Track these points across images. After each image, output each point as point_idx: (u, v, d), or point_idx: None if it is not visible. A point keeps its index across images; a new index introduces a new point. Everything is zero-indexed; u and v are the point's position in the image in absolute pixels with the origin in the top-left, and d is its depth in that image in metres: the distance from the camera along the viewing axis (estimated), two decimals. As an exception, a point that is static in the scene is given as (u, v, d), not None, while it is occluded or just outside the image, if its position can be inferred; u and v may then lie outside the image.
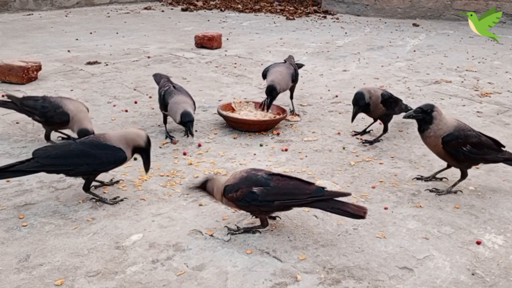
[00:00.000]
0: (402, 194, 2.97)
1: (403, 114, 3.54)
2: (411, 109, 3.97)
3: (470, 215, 2.77)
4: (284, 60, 4.36)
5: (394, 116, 3.94)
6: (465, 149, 2.83)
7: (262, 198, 2.34)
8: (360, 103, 3.54)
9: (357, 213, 2.33)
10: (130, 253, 2.32)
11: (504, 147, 2.98)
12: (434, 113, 2.84)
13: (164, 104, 3.61)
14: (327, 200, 2.35)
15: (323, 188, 2.38)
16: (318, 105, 4.55)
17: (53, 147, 2.76)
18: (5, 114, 3.92)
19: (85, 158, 2.62)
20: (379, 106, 3.61)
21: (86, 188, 2.74)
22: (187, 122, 3.41)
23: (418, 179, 3.13)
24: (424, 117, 2.86)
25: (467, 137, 2.84)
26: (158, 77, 4.02)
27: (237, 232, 2.49)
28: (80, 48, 6.34)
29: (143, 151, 2.75)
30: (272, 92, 3.85)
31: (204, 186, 2.49)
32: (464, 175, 2.98)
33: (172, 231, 2.52)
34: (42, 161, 2.59)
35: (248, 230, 2.50)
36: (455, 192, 2.97)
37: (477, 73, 5.84)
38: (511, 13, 9.20)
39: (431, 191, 2.99)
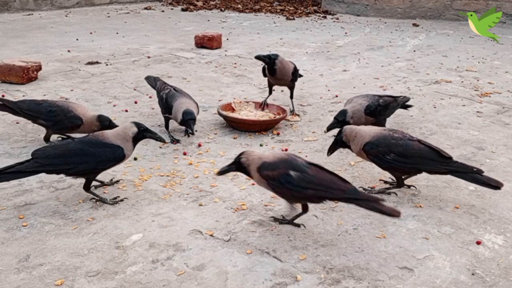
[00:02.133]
0: (402, 194, 2.97)
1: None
2: (405, 98, 3.92)
3: (470, 215, 2.77)
4: None
5: (394, 116, 3.93)
6: (388, 157, 2.78)
7: (297, 183, 2.33)
8: (339, 118, 3.50)
9: (392, 213, 2.30)
10: (130, 253, 2.32)
11: (451, 158, 2.80)
12: (344, 137, 2.92)
13: (168, 107, 3.60)
14: (360, 200, 2.34)
15: (357, 190, 2.37)
16: (318, 105, 4.55)
17: (52, 147, 2.76)
18: (5, 114, 3.92)
19: (84, 157, 2.63)
20: (365, 118, 3.57)
21: (87, 188, 2.74)
22: (188, 119, 3.40)
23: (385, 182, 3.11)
24: (341, 144, 2.96)
25: (390, 146, 2.78)
26: (152, 80, 4.01)
27: (284, 222, 2.54)
28: (80, 48, 6.34)
29: (143, 133, 2.76)
30: (275, 57, 3.88)
31: (238, 162, 2.49)
32: (399, 184, 2.93)
33: (172, 231, 2.52)
34: (42, 161, 2.60)
35: (292, 222, 2.55)
36: (389, 194, 2.95)
37: (477, 73, 5.84)
38: (511, 13, 9.20)
39: (364, 189, 3.00)
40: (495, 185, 2.73)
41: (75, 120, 3.29)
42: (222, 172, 2.56)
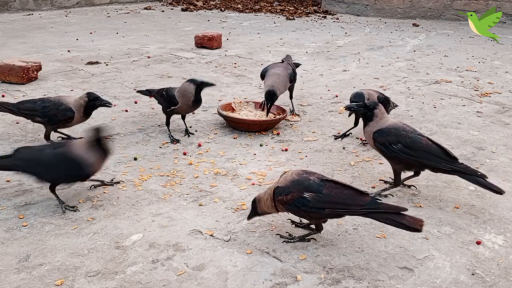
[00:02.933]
0: (402, 194, 2.97)
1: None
2: (397, 106, 3.93)
3: (470, 215, 2.77)
4: (282, 60, 4.35)
5: (394, 116, 3.92)
6: (395, 147, 2.77)
7: (313, 205, 2.27)
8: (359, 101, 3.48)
9: (413, 226, 2.22)
10: (130, 253, 2.32)
11: (456, 159, 2.79)
12: (376, 110, 2.84)
13: (170, 98, 3.61)
14: (381, 212, 2.26)
15: (377, 199, 2.29)
16: (318, 105, 4.55)
17: (30, 149, 2.73)
18: (5, 114, 3.91)
19: (51, 168, 2.59)
20: None
21: (51, 189, 2.68)
22: (201, 82, 3.53)
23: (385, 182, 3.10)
24: (366, 112, 2.85)
25: (399, 136, 2.78)
26: (144, 91, 4.01)
27: (291, 241, 2.44)
28: (80, 48, 6.34)
29: (100, 142, 2.61)
30: (272, 97, 3.83)
31: (255, 210, 2.45)
32: (396, 183, 2.89)
33: (172, 231, 2.52)
34: (17, 162, 2.61)
35: (303, 239, 2.45)
36: (386, 196, 2.92)
37: (477, 73, 5.84)
38: (511, 13, 9.20)
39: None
40: (497, 191, 2.71)
41: (67, 112, 3.30)
42: (249, 218, 2.52)
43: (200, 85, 3.55)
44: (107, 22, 8.42)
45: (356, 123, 3.63)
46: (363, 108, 2.85)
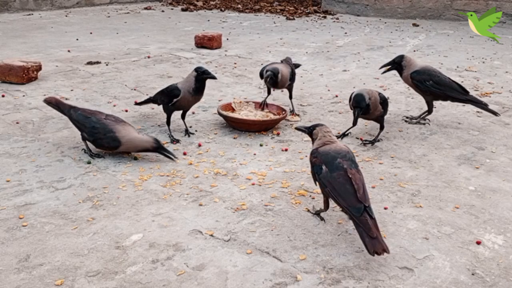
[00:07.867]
0: (402, 194, 2.97)
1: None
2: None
3: (470, 215, 2.77)
4: (281, 61, 4.35)
5: (395, 116, 3.91)
6: (428, 83, 3.89)
7: (322, 177, 2.52)
8: (361, 105, 3.42)
9: (371, 248, 2.22)
10: (130, 253, 2.33)
11: (468, 92, 4.00)
12: (403, 62, 3.99)
13: (170, 90, 3.62)
14: (356, 223, 2.33)
15: (361, 212, 2.32)
16: (318, 105, 4.55)
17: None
18: (5, 114, 3.92)
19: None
20: (378, 108, 3.56)
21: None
22: (201, 70, 3.59)
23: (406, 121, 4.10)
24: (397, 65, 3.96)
25: (430, 75, 3.92)
26: (144, 101, 4.01)
27: (313, 212, 2.71)
28: (80, 48, 6.34)
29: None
30: (276, 74, 3.88)
31: (311, 132, 2.80)
32: (430, 111, 4.08)
33: (172, 231, 2.52)
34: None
35: (318, 214, 2.71)
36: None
37: (477, 73, 5.84)
38: (511, 13, 9.20)
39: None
40: (494, 112, 4.06)
41: (112, 142, 3.19)
42: (297, 129, 2.92)
43: (201, 74, 3.57)
44: (107, 22, 8.42)
45: (355, 123, 3.62)
46: (395, 65, 3.99)
